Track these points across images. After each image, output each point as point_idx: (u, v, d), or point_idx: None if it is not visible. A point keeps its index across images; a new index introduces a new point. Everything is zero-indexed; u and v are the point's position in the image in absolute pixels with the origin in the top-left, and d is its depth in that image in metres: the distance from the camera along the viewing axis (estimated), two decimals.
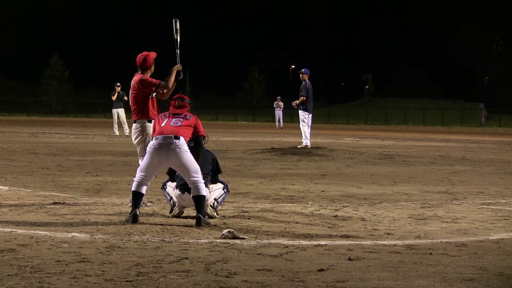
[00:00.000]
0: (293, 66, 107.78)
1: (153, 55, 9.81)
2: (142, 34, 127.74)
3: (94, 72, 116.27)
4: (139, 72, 9.73)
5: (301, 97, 21.15)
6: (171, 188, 8.96)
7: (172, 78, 9.61)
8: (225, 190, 9.14)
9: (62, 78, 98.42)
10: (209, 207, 8.84)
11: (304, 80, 21.13)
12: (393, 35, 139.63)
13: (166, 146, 8.44)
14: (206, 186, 8.73)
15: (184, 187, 8.74)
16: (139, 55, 9.81)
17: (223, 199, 9.14)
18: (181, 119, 8.73)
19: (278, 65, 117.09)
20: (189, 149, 8.56)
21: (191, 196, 8.49)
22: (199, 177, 8.47)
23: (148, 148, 8.63)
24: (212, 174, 9.13)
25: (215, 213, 8.90)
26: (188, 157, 8.47)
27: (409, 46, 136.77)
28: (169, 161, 8.51)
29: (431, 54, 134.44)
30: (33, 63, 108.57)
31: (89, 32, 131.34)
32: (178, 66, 9.69)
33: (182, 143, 8.47)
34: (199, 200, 8.39)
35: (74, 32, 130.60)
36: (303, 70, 21.36)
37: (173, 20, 9.92)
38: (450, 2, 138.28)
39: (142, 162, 8.69)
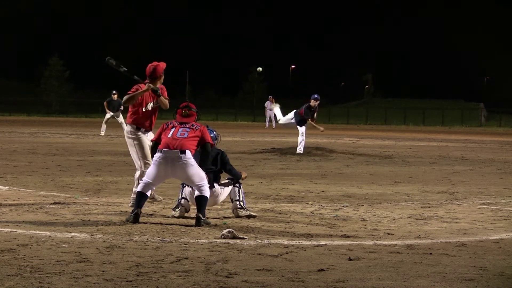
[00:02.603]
0: (293, 66, 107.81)
1: (162, 65, 9.85)
2: (142, 34, 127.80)
3: (94, 72, 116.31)
4: (148, 81, 9.78)
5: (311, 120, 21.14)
6: (189, 189, 8.95)
7: (129, 98, 9.64)
8: (237, 185, 9.14)
9: (62, 78, 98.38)
10: (240, 210, 8.89)
11: (315, 106, 21.03)
12: (393, 34, 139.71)
13: (172, 160, 8.46)
14: (212, 187, 8.81)
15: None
16: (149, 65, 9.85)
17: (243, 193, 9.13)
18: (188, 129, 8.70)
19: (278, 65, 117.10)
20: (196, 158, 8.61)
21: (194, 197, 8.53)
22: (204, 182, 8.51)
23: (154, 160, 8.62)
24: (215, 174, 9.13)
25: (247, 212, 8.95)
26: (194, 170, 8.50)
27: (409, 46, 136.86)
28: (175, 173, 8.56)
29: (431, 54, 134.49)
30: (33, 63, 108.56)
31: (89, 32, 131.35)
32: (146, 88, 9.63)
33: (188, 157, 8.49)
34: (201, 200, 8.42)
35: (74, 32, 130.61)
36: (317, 96, 21.11)
37: (107, 62, 9.67)
38: (451, 2, 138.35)
39: (150, 170, 8.69)
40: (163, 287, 5.42)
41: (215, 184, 9.02)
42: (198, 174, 8.51)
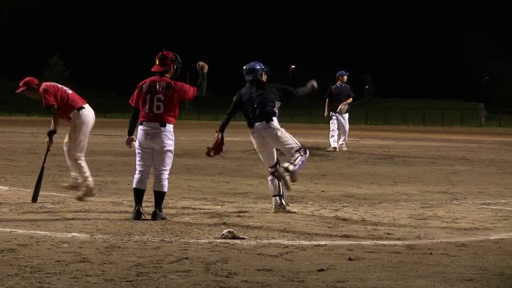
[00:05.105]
0: (293, 66, 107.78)
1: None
2: (143, 34, 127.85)
3: (94, 72, 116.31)
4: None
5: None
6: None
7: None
8: (302, 153, 9.29)
9: (62, 78, 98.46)
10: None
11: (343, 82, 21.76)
12: (393, 35, 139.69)
13: (153, 132, 8.60)
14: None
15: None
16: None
17: (301, 162, 9.27)
18: (162, 97, 8.69)
19: (278, 65, 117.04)
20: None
21: (153, 189, 8.68)
22: (167, 172, 8.69)
23: (138, 136, 8.72)
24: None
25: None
26: (172, 145, 8.65)
27: (409, 46, 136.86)
28: (154, 144, 8.62)
29: (431, 54, 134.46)
30: (33, 63, 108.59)
31: (89, 32, 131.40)
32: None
33: (169, 129, 8.66)
34: (160, 196, 8.62)
35: (74, 32, 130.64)
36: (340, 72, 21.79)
37: None
38: (450, 2, 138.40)
39: (136, 158, 8.79)
40: (163, 287, 5.42)
41: (274, 119, 9.43)
42: (170, 158, 8.68)
